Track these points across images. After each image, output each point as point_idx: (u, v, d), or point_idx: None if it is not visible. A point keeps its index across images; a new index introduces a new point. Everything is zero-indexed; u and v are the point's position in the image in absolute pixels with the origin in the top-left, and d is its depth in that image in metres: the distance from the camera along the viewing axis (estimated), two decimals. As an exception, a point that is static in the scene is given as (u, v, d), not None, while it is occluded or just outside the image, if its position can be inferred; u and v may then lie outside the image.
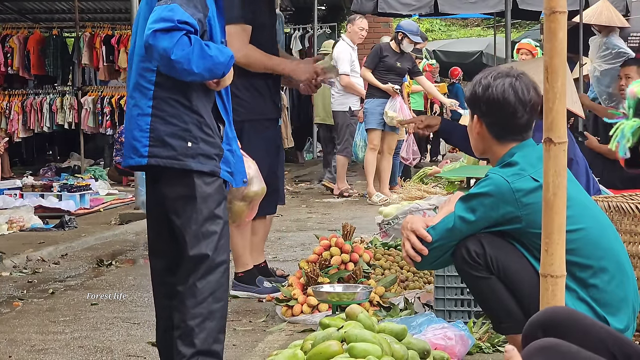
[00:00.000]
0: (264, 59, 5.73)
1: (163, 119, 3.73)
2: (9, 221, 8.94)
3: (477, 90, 3.48)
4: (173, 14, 3.56)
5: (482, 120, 3.49)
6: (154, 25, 3.55)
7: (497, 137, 3.48)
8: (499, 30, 17.85)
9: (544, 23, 2.35)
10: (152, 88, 3.74)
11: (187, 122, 3.73)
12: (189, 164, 3.73)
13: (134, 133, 3.77)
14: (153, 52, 3.58)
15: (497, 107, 3.44)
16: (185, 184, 3.75)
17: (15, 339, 5.09)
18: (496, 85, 3.44)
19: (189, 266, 3.73)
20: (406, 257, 3.51)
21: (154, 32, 3.54)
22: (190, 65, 3.57)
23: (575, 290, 3.26)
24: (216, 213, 3.78)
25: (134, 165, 3.82)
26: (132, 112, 3.79)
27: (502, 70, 3.53)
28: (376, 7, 11.76)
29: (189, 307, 3.69)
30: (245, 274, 5.87)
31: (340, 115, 11.87)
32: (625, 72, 7.32)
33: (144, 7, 3.85)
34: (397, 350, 3.45)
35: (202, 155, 3.75)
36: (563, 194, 2.39)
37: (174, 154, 3.72)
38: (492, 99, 3.44)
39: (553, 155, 2.37)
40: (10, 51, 14.36)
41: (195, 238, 3.73)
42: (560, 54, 2.35)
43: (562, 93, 2.36)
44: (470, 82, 3.65)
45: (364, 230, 7.54)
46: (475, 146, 3.61)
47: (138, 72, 3.79)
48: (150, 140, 3.73)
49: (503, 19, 11.46)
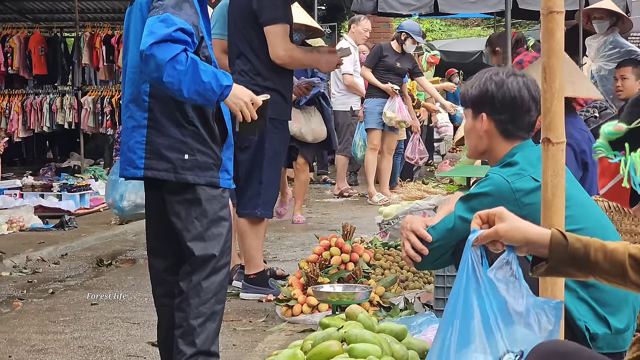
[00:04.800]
0: (306, 56, 5.83)
1: (159, 131, 3.72)
2: (9, 221, 8.94)
3: (490, 88, 3.46)
4: (166, 25, 3.52)
5: (492, 117, 3.47)
6: (149, 39, 3.51)
7: (506, 135, 3.47)
8: (499, 30, 17.83)
9: (542, 23, 2.35)
10: (147, 100, 3.72)
11: (184, 134, 3.72)
12: (186, 177, 3.73)
13: (129, 145, 3.76)
14: (148, 65, 3.54)
15: (513, 104, 3.43)
16: (188, 190, 3.77)
17: (15, 339, 5.10)
18: (510, 82, 3.44)
19: (194, 266, 3.73)
20: (406, 257, 3.51)
21: (150, 46, 3.51)
22: (180, 87, 3.53)
23: (575, 290, 3.26)
24: (221, 215, 3.80)
25: (130, 177, 3.83)
26: (127, 123, 3.77)
27: (508, 69, 3.53)
28: (376, 7, 11.76)
29: (193, 306, 3.70)
30: (258, 275, 5.81)
31: (341, 115, 11.86)
32: (621, 73, 7.29)
33: (136, 16, 3.78)
34: (397, 351, 3.45)
35: (199, 168, 3.75)
36: (562, 194, 2.39)
37: (171, 167, 3.72)
38: (508, 96, 3.43)
39: (551, 155, 2.37)
40: (10, 51, 14.35)
41: (200, 240, 3.74)
42: (558, 54, 2.36)
43: (559, 93, 2.36)
44: (467, 83, 3.63)
45: (364, 230, 7.54)
46: (475, 146, 3.59)
47: (133, 83, 3.76)
48: (147, 153, 3.73)
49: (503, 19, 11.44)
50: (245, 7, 5.59)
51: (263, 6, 5.52)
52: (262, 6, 5.52)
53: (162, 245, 3.90)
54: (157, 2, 3.62)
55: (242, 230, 5.73)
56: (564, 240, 2.19)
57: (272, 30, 5.52)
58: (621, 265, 2.16)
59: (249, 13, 5.57)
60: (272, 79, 5.58)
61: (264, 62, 5.58)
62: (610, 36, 8.79)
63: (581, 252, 2.18)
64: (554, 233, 2.20)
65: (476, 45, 22.90)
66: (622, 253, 2.18)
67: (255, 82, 5.52)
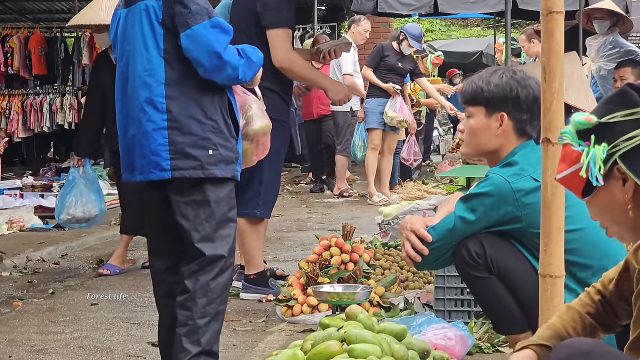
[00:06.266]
0: (307, 69, 5.72)
1: (180, 131, 3.73)
2: (9, 221, 8.94)
3: (514, 88, 3.46)
4: (221, 31, 3.75)
5: (513, 117, 3.48)
6: (218, 48, 3.71)
7: (520, 134, 3.49)
8: (499, 30, 17.84)
9: (541, 23, 2.35)
10: (163, 101, 3.74)
11: (204, 130, 3.75)
12: (214, 171, 3.76)
13: (152, 148, 3.75)
14: (224, 71, 3.75)
15: (535, 104, 3.41)
16: (198, 190, 3.77)
17: (15, 339, 5.10)
18: (531, 83, 3.47)
19: (201, 265, 3.74)
20: (406, 257, 3.51)
21: (222, 54, 3.71)
22: (246, 76, 3.85)
23: (575, 290, 3.26)
24: (229, 216, 3.82)
25: (156, 180, 3.80)
26: (146, 127, 3.75)
27: (520, 70, 3.55)
28: (376, 7, 11.74)
29: (199, 306, 3.71)
30: (258, 275, 5.80)
31: (341, 115, 11.86)
32: (621, 74, 7.28)
33: (140, 20, 3.77)
34: (397, 351, 3.45)
35: (223, 162, 3.78)
36: (561, 194, 2.40)
37: (198, 164, 3.74)
38: (532, 96, 3.46)
39: (551, 155, 2.37)
40: (10, 51, 14.35)
41: (209, 240, 3.75)
42: (558, 54, 2.36)
43: (559, 93, 2.36)
44: (475, 83, 3.57)
45: (364, 230, 7.54)
46: (483, 144, 3.55)
47: (147, 87, 3.75)
48: (171, 154, 3.73)
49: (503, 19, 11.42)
50: (248, 8, 5.59)
51: (267, 9, 5.51)
52: (266, 9, 5.51)
53: (163, 246, 3.91)
54: (192, 5, 3.70)
55: (241, 230, 5.73)
56: (546, 351, 2.32)
57: (274, 33, 5.51)
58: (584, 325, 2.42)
59: (251, 14, 5.57)
60: (273, 80, 5.58)
61: (265, 63, 5.57)
62: (610, 36, 8.78)
63: (559, 338, 2.35)
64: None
65: (476, 46, 22.93)
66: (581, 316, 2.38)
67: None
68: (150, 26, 3.73)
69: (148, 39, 3.74)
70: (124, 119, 3.86)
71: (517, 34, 21.74)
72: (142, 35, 3.75)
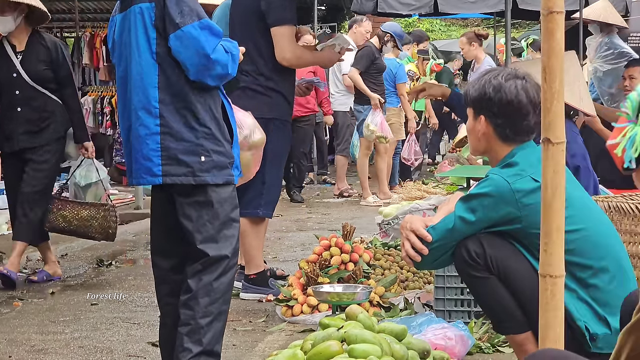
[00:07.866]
0: (310, 56, 5.91)
1: (173, 136, 3.74)
2: (9, 221, 8.92)
3: (488, 92, 3.45)
4: (210, 32, 3.72)
5: (490, 121, 3.47)
6: (207, 49, 3.69)
7: (503, 139, 3.47)
8: (499, 30, 17.83)
9: (542, 23, 2.35)
10: (157, 106, 3.74)
11: (198, 137, 3.75)
12: (205, 178, 3.76)
13: (144, 153, 3.75)
14: (214, 69, 3.73)
15: (510, 109, 3.42)
16: (201, 190, 3.78)
17: (15, 339, 5.10)
18: (509, 86, 3.43)
19: (205, 265, 3.75)
20: (405, 257, 3.51)
21: (211, 54, 3.70)
22: (234, 70, 3.81)
23: (575, 290, 3.26)
24: (232, 217, 3.83)
25: (147, 184, 3.83)
26: (139, 131, 3.76)
27: (509, 71, 3.51)
28: (376, 7, 11.77)
29: (202, 305, 3.72)
30: (258, 275, 5.81)
31: (341, 115, 11.85)
32: (630, 73, 7.27)
33: (135, 23, 3.77)
34: (397, 351, 3.46)
35: (216, 168, 3.78)
36: (562, 194, 2.39)
37: (189, 171, 3.74)
38: (506, 101, 3.42)
39: (551, 155, 2.36)
40: (10, 51, 14.33)
41: (213, 241, 3.75)
42: (558, 54, 2.35)
43: (560, 93, 2.36)
44: (470, 83, 3.63)
45: (364, 230, 7.55)
46: (475, 146, 3.60)
47: (140, 90, 3.76)
48: (163, 159, 3.74)
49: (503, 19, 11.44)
50: (250, 8, 5.60)
51: (272, 7, 5.54)
52: (270, 7, 5.54)
53: (168, 245, 3.91)
54: (182, 6, 3.70)
55: (243, 230, 5.72)
56: None
57: (279, 31, 5.54)
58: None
59: (254, 13, 5.58)
60: (275, 80, 5.60)
61: (268, 63, 5.60)
62: (606, 37, 8.79)
63: None
64: None
65: (476, 46, 22.88)
66: None
67: (258, 82, 5.58)
68: (144, 30, 3.73)
69: (142, 43, 3.74)
70: (125, 123, 3.87)
71: (517, 34, 21.80)
72: (137, 39, 3.76)
